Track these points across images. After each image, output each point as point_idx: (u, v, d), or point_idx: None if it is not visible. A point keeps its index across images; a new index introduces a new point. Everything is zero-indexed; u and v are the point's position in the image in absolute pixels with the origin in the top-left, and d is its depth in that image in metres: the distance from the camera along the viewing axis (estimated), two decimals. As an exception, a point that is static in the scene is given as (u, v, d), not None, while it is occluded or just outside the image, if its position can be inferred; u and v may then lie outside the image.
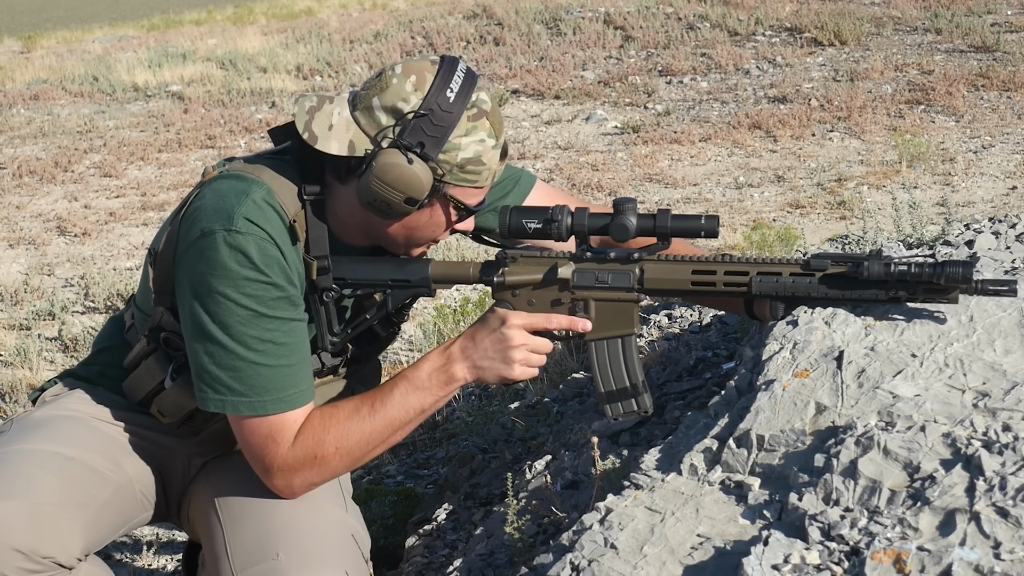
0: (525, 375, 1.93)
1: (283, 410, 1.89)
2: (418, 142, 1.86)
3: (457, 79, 1.89)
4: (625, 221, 1.86)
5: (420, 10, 15.76)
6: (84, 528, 1.94)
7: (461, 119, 1.88)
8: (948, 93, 9.09)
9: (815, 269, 1.83)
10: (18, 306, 5.90)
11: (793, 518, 1.49)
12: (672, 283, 1.90)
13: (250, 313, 1.85)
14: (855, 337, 1.78)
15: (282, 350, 1.89)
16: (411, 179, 1.85)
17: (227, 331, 1.86)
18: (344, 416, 1.92)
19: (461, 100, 1.88)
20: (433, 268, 1.99)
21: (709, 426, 1.76)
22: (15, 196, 8.50)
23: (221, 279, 1.85)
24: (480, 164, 1.91)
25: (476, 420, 3.34)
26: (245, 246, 1.84)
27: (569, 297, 1.93)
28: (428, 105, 1.86)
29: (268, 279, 1.86)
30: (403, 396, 1.93)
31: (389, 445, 1.98)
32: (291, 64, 13.06)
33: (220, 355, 1.88)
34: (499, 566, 2.08)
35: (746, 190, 7.44)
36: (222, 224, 1.85)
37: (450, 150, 1.88)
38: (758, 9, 12.62)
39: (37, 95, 12.35)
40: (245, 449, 1.95)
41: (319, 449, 1.91)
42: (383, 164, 1.85)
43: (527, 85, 11.02)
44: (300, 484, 1.94)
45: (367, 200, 1.89)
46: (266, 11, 20.33)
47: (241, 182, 1.91)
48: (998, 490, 1.38)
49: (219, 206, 1.88)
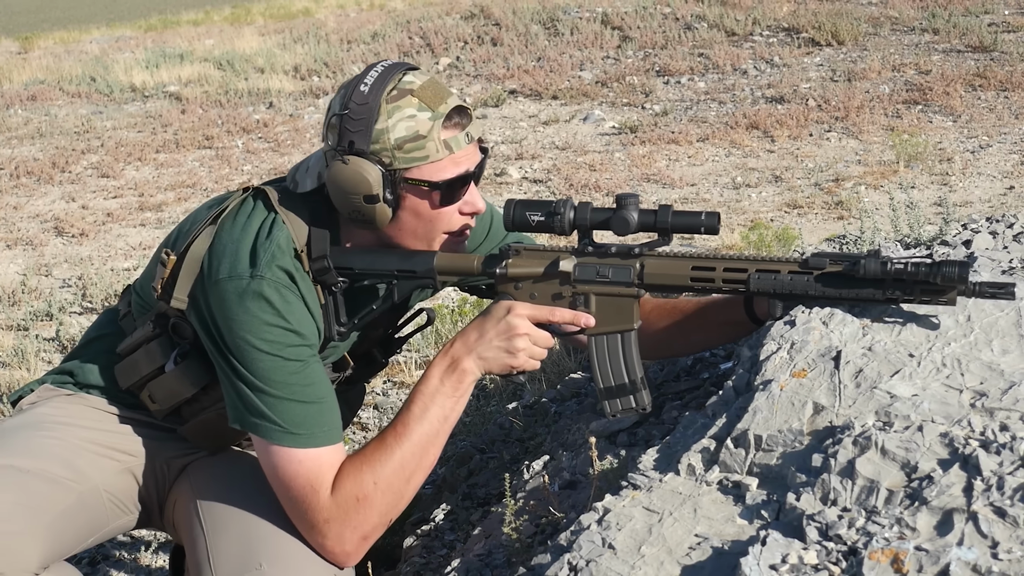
0: (528, 365, 1.95)
1: (317, 445, 1.89)
2: (348, 142, 1.90)
3: (372, 74, 1.93)
4: (626, 215, 1.87)
5: (417, 10, 15.76)
6: (39, 541, 1.92)
7: (380, 105, 1.91)
8: (945, 93, 9.09)
9: (813, 267, 1.83)
10: (16, 307, 5.89)
11: (791, 518, 1.49)
12: (672, 279, 1.91)
13: (273, 358, 1.88)
14: (853, 337, 1.78)
15: (309, 390, 1.90)
16: (354, 177, 1.90)
17: (254, 373, 1.89)
18: (372, 451, 1.92)
19: (376, 89, 1.91)
20: (438, 260, 2.01)
21: (707, 426, 1.76)
22: (13, 197, 8.49)
23: (244, 326, 1.88)
24: (419, 138, 1.92)
25: (474, 420, 3.33)
26: (267, 292, 1.87)
27: (570, 291, 1.95)
28: (345, 105, 1.91)
29: (289, 326, 1.89)
30: (423, 411, 1.93)
31: (426, 468, 1.95)
32: (288, 65, 13.06)
33: (251, 389, 1.89)
34: (497, 566, 2.08)
35: (744, 190, 7.44)
36: (245, 270, 1.89)
37: (380, 136, 1.91)
38: (755, 9, 12.62)
39: (34, 96, 12.35)
40: (286, 500, 1.91)
41: (359, 490, 1.88)
42: (330, 175, 1.93)
43: (524, 85, 11.02)
44: (352, 538, 1.90)
45: (346, 215, 1.96)
46: (263, 11, 20.32)
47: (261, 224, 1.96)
48: (995, 490, 1.38)
49: (243, 249, 1.92)
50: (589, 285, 1.94)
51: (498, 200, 7.53)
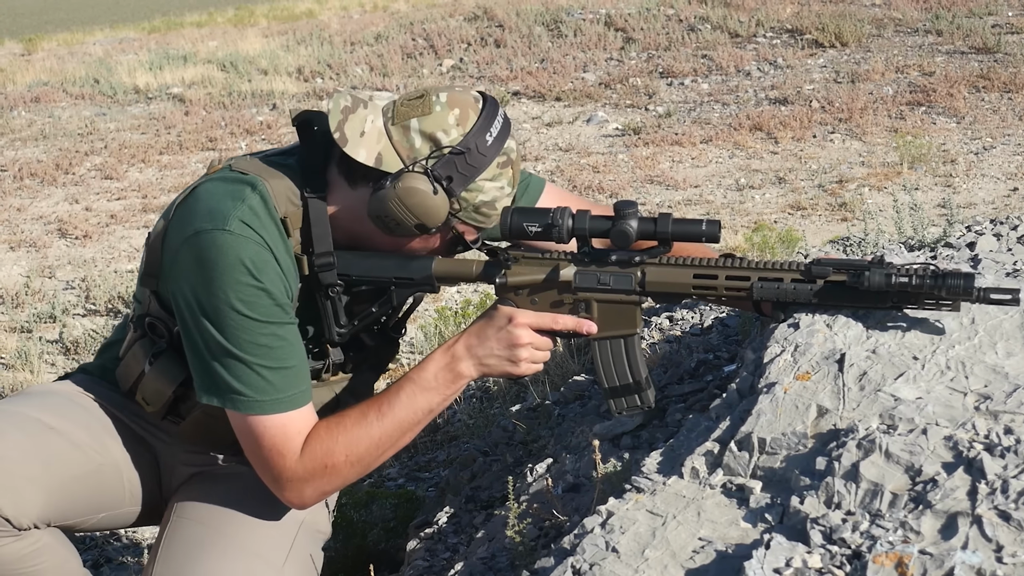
0: (529, 372, 1.96)
1: (282, 410, 1.89)
2: (447, 176, 1.89)
3: (497, 124, 1.93)
4: (626, 227, 1.86)
5: (421, 12, 15.77)
6: (46, 493, 1.94)
7: (492, 164, 1.92)
8: (949, 94, 9.09)
9: (816, 276, 1.83)
10: (19, 308, 5.90)
11: (795, 521, 1.49)
12: (673, 286, 1.90)
13: (243, 318, 1.85)
14: (856, 340, 1.77)
15: (278, 352, 1.89)
16: (431, 208, 1.89)
17: (224, 334, 1.86)
18: (352, 423, 1.93)
19: (496, 146, 1.92)
20: (437, 266, 2.00)
21: (710, 429, 1.76)
22: (16, 198, 8.50)
23: (215, 282, 1.85)
24: (493, 209, 1.95)
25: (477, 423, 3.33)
26: (239, 249, 1.84)
27: (571, 298, 1.94)
28: (467, 143, 1.89)
29: (261, 285, 1.86)
30: (410, 397, 1.94)
31: (398, 448, 1.99)
32: (292, 66, 13.07)
33: (220, 355, 1.88)
34: (500, 569, 2.08)
35: (747, 192, 7.44)
36: (216, 225, 1.85)
37: (473, 190, 1.92)
38: (759, 11, 12.62)
39: (38, 97, 12.36)
40: (253, 460, 1.95)
41: (329, 458, 1.91)
42: (409, 187, 1.87)
43: (528, 87, 11.02)
44: (312, 494, 1.95)
45: (377, 213, 1.91)
46: (267, 13, 20.33)
47: (238, 184, 1.92)
48: (1000, 493, 1.38)
49: (214, 207, 1.88)
50: (590, 293, 1.94)
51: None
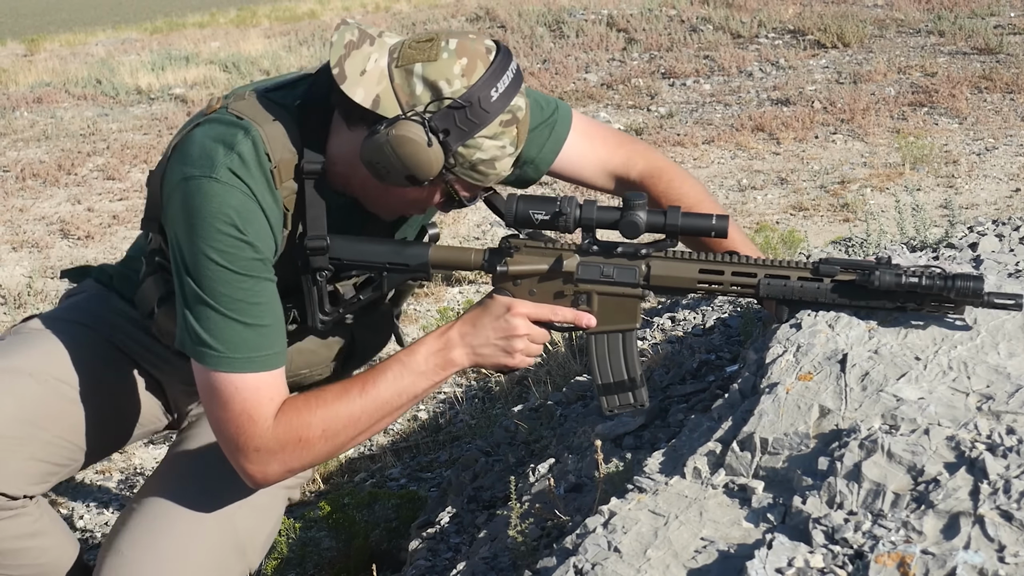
0: (523, 364, 1.92)
1: (254, 370, 1.83)
2: (444, 128, 1.78)
3: (505, 79, 1.82)
4: (635, 218, 1.83)
5: (423, 12, 15.78)
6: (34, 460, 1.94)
7: (495, 122, 1.81)
8: (951, 95, 9.08)
9: (824, 275, 1.83)
10: (21, 309, 5.89)
11: (797, 521, 1.49)
12: (679, 281, 1.88)
13: (223, 270, 1.80)
14: (859, 340, 1.78)
15: (255, 310, 1.83)
16: (423, 160, 1.79)
17: (200, 285, 1.81)
18: (332, 397, 1.87)
19: (502, 102, 1.81)
20: (433, 252, 1.96)
21: (713, 429, 1.76)
22: (18, 199, 8.50)
23: (197, 230, 1.80)
24: (492, 168, 1.86)
25: (479, 423, 3.33)
26: (224, 197, 1.79)
27: (572, 290, 1.91)
28: (470, 97, 1.78)
29: (244, 237, 1.81)
30: (396, 378, 1.88)
31: (376, 431, 1.92)
32: (294, 67, 13.07)
33: (195, 304, 1.83)
34: (502, 569, 2.08)
35: (749, 192, 7.43)
36: (204, 171, 1.81)
37: (472, 147, 1.81)
38: (761, 11, 12.62)
39: (40, 98, 12.36)
40: (217, 425, 1.86)
41: (305, 431, 1.84)
42: (402, 135, 1.77)
43: (530, 87, 11.02)
44: (276, 470, 1.87)
45: (368, 158, 1.82)
46: (269, 14, 20.35)
47: (232, 128, 1.86)
48: (1002, 493, 1.38)
49: (205, 152, 1.83)
50: (592, 285, 1.91)
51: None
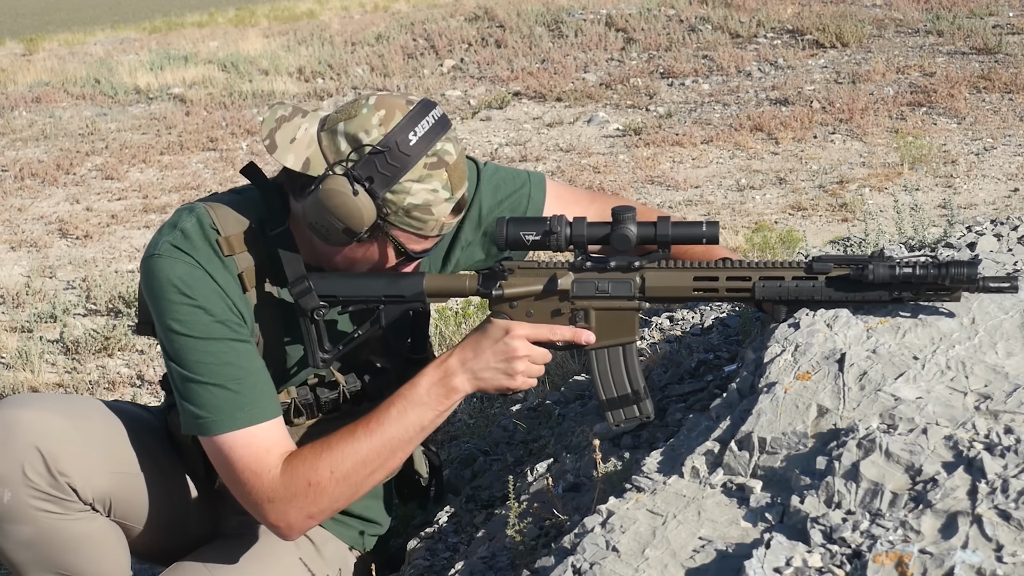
0: (525, 386, 1.93)
1: (241, 426, 1.88)
2: (368, 176, 1.84)
3: (425, 124, 1.86)
4: (625, 231, 1.84)
5: (422, 12, 15.77)
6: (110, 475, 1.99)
7: (418, 164, 1.86)
8: (950, 95, 9.08)
9: (818, 272, 1.83)
10: (20, 308, 5.89)
11: (795, 521, 1.49)
12: (674, 291, 1.89)
13: (184, 338, 1.88)
14: (857, 339, 1.78)
15: (227, 370, 1.88)
16: (352, 210, 1.84)
17: (176, 360, 1.90)
18: (337, 440, 1.90)
19: (422, 145, 1.85)
20: (428, 282, 1.97)
21: (711, 429, 1.76)
22: (17, 199, 8.50)
23: (157, 307, 1.90)
24: (428, 214, 1.89)
25: (477, 422, 3.33)
26: (167, 270, 1.88)
27: (569, 307, 1.92)
28: (387, 142, 1.84)
29: (195, 302, 1.88)
30: (401, 413, 1.90)
31: (390, 469, 1.96)
32: (293, 66, 13.06)
33: (180, 383, 1.91)
34: (501, 569, 2.08)
35: (748, 192, 7.43)
36: (149, 252, 1.91)
37: (399, 192, 1.86)
38: (760, 11, 12.62)
39: (39, 98, 12.36)
40: (231, 487, 1.93)
41: (312, 475, 1.88)
42: (328, 189, 1.84)
43: (529, 87, 11.02)
44: (297, 518, 1.91)
45: (310, 220, 1.89)
46: (267, 13, 20.34)
47: (180, 212, 1.97)
48: (1000, 492, 1.38)
49: (154, 238, 1.94)
50: (588, 301, 1.92)
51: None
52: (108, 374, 4.87)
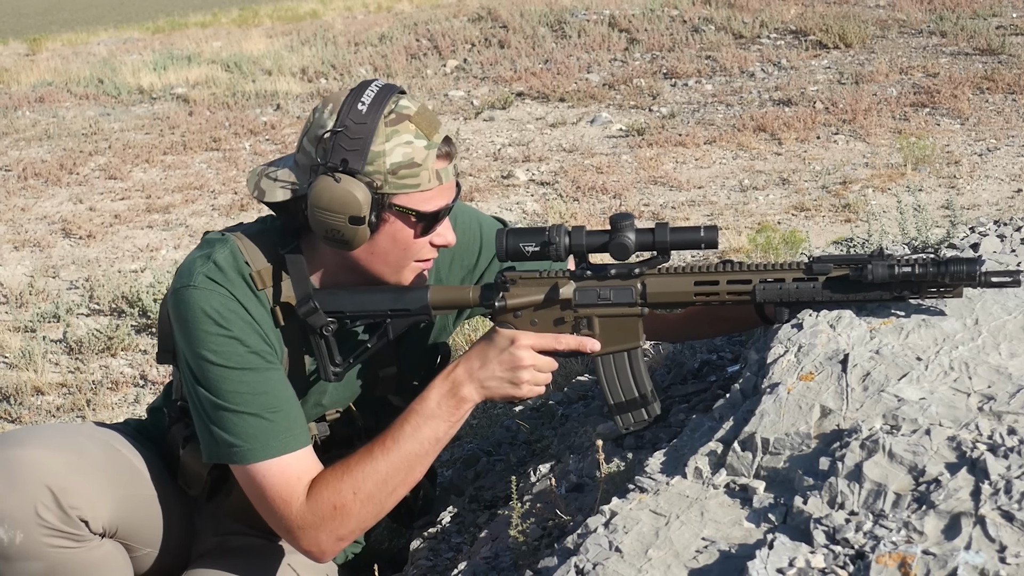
0: (532, 394, 1.95)
1: (275, 455, 1.91)
2: (341, 160, 1.87)
3: (369, 94, 1.90)
4: (624, 239, 1.86)
5: (425, 12, 15.77)
6: (115, 501, 1.99)
7: (378, 127, 1.88)
8: (953, 96, 9.07)
9: (818, 273, 1.83)
10: (23, 308, 5.90)
11: (798, 521, 1.49)
12: (675, 296, 1.90)
13: (219, 368, 1.90)
14: (860, 340, 1.78)
15: (262, 399, 1.91)
16: (344, 197, 1.86)
17: (208, 389, 1.91)
18: (356, 462, 1.93)
19: (374, 110, 1.88)
20: (432, 295, 2.00)
21: (714, 429, 1.76)
22: (20, 198, 8.51)
23: (190, 338, 1.91)
24: (414, 166, 1.90)
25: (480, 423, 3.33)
26: (203, 301, 1.90)
27: (572, 316, 1.94)
28: (341, 122, 1.87)
29: (231, 334, 1.90)
30: (415, 429, 1.93)
31: (411, 484, 1.98)
32: (296, 67, 13.07)
33: (211, 411, 1.92)
34: (503, 569, 2.08)
35: (751, 193, 7.43)
36: (183, 283, 1.93)
37: (375, 159, 1.88)
38: (763, 12, 12.61)
39: (42, 97, 12.37)
40: (264, 514, 1.96)
41: (337, 499, 1.91)
42: (315, 191, 1.88)
43: (532, 87, 11.02)
44: (328, 541, 1.94)
45: (322, 235, 1.92)
46: (271, 13, 20.36)
47: (209, 246, 1.99)
48: (1003, 493, 1.38)
49: (187, 267, 1.96)
50: (591, 308, 1.93)
51: (506, 202, 7.53)
52: (111, 374, 4.88)
